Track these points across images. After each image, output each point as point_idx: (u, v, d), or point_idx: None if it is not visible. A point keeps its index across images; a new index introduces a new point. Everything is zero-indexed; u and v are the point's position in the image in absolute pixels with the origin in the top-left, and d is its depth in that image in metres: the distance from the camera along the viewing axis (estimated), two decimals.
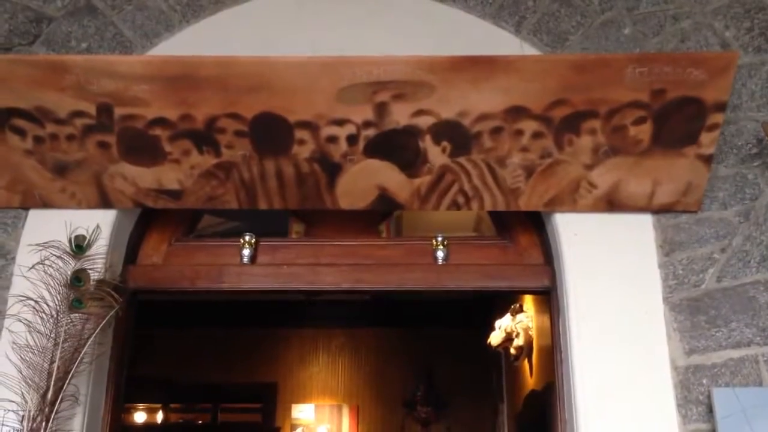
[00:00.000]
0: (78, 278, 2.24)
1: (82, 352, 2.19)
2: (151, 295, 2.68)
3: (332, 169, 2.36)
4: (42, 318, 2.20)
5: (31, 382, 2.14)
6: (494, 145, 2.28)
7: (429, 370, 6.70)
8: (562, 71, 2.15)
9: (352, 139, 2.29)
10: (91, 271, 2.28)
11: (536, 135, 2.26)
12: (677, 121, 2.20)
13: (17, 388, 2.15)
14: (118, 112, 2.25)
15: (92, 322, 2.22)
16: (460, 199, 2.42)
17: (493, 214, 2.72)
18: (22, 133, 2.31)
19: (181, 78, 2.18)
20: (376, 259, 2.65)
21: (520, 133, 2.26)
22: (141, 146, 2.31)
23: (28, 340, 2.18)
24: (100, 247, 2.37)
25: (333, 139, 2.29)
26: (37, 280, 2.24)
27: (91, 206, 2.45)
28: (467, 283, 2.60)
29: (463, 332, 6.16)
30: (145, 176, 2.38)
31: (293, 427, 6.78)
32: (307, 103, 2.21)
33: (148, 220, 2.69)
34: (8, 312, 2.30)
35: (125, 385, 2.60)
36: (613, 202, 2.38)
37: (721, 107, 2.19)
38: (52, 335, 2.18)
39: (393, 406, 6.78)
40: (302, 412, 6.84)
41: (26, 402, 2.13)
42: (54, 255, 2.26)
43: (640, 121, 2.22)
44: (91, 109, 2.25)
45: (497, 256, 2.64)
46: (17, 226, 2.47)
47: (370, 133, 2.27)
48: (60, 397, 2.14)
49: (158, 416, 6.83)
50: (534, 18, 2.63)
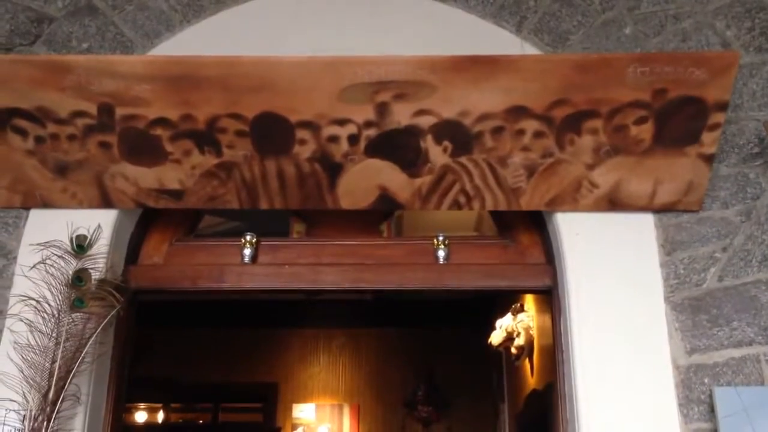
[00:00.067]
0: (79, 278, 2.25)
1: (84, 352, 2.19)
2: (153, 295, 2.68)
3: (333, 169, 2.36)
4: (43, 317, 2.20)
5: (32, 382, 2.14)
6: (495, 145, 2.28)
7: (430, 370, 6.70)
8: (564, 71, 2.15)
9: (354, 139, 2.29)
10: (92, 271, 2.29)
11: (537, 134, 2.26)
12: (678, 121, 2.20)
13: (19, 387, 2.15)
14: (120, 112, 2.25)
15: (93, 322, 2.22)
16: (462, 199, 2.42)
17: (495, 214, 2.72)
18: (23, 133, 2.31)
19: (182, 78, 2.18)
20: (378, 259, 2.64)
21: (521, 132, 2.26)
22: (142, 146, 2.31)
23: (29, 340, 2.18)
24: (102, 246, 2.38)
25: (334, 139, 2.29)
26: (39, 280, 2.25)
27: (92, 206, 2.45)
28: (468, 282, 2.60)
29: (463, 332, 6.16)
30: (146, 176, 2.38)
31: (294, 427, 6.79)
32: (309, 103, 2.21)
33: (149, 220, 2.69)
34: (10, 312, 2.30)
35: (126, 384, 2.60)
36: (614, 202, 2.38)
37: (722, 107, 2.19)
38: (54, 335, 2.18)
39: (394, 406, 6.78)
40: (303, 412, 6.84)
41: (28, 401, 2.13)
42: (55, 255, 2.26)
43: (641, 121, 2.22)
44: (92, 109, 2.25)
45: (498, 256, 2.63)
46: (18, 226, 2.47)
47: (372, 132, 2.27)
48: (61, 396, 2.14)
49: (159, 416, 6.83)
50: (535, 18, 2.63)
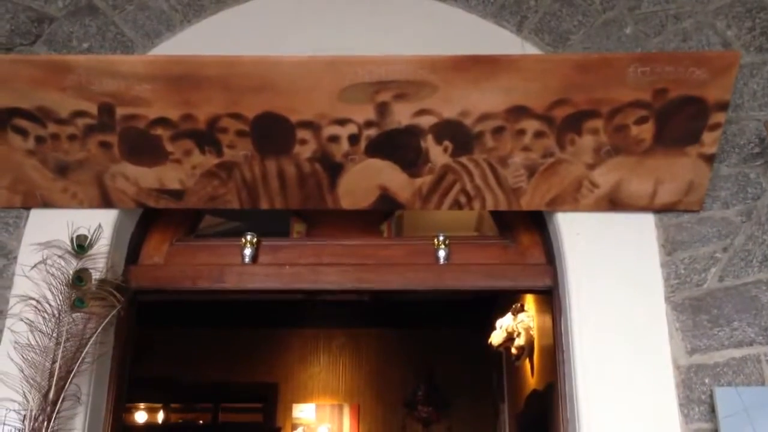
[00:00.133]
0: (80, 278, 2.25)
1: (84, 352, 2.19)
2: (153, 295, 2.68)
3: (334, 169, 2.36)
4: (44, 317, 2.20)
5: (32, 382, 2.14)
6: (496, 145, 2.28)
7: (430, 370, 6.69)
8: (564, 71, 2.15)
9: (354, 139, 2.29)
10: (92, 271, 2.29)
11: (538, 134, 2.26)
12: (679, 121, 2.20)
13: (19, 387, 2.15)
14: (120, 111, 2.24)
15: (94, 322, 2.22)
16: (462, 199, 2.42)
17: (495, 214, 2.72)
18: (23, 133, 2.31)
19: (183, 78, 2.18)
20: (378, 259, 2.64)
21: (521, 132, 2.26)
22: (143, 146, 2.31)
23: (29, 340, 2.18)
24: (102, 246, 2.37)
25: (335, 139, 2.29)
26: (39, 280, 2.25)
27: (92, 206, 2.45)
28: (469, 282, 2.60)
29: (464, 332, 6.16)
30: (147, 176, 2.38)
31: (294, 427, 6.79)
32: (309, 103, 2.21)
33: (149, 220, 2.69)
34: (10, 311, 2.30)
35: (126, 384, 2.59)
36: (615, 202, 2.38)
37: (723, 106, 2.19)
38: (54, 335, 2.17)
39: (394, 406, 6.77)
40: (303, 412, 6.84)
41: (28, 401, 2.13)
42: (56, 255, 2.27)
43: (642, 121, 2.21)
44: (93, 109, 2.24)
45: (499, 256, 2.63)
46: (19, 226, 2.47)
47: (372, 132, 2.27)
48: (62, 396, 2.14)
49: (159, 416, 6.83)
50: (535, 17, 2.63)
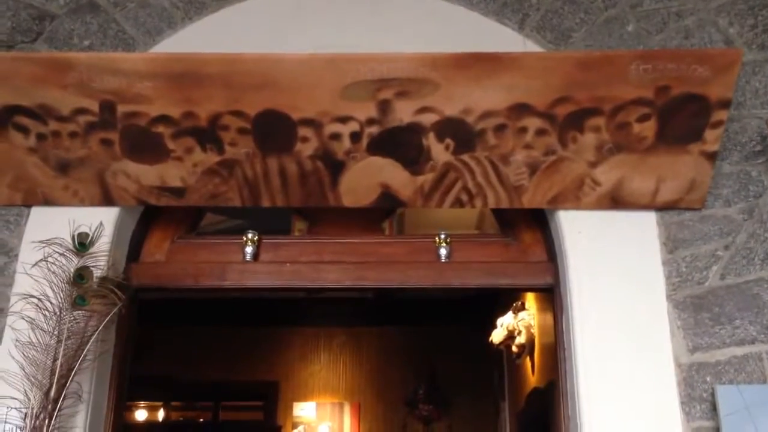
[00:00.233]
0: (81, 275, 2.24)
1: (85, 350, 2.19)
2: (154, 293, 2.68)
3: (335, 167, 2.36)
4: (45, 315, 2.19)
5: (33, 380, 2.14)
6: (498, 143, 2.28)
7: (431, 369, 6.69)
8: (566, 68, 2.14)
9: (356, 137, 2.28)
10: (93, 269, 2.28)
11: (540, 132, 2.25)
12: (681, 118, 2.20)
13: (20, 385, 2.15)
14: (121, 109, 2.24)
15: (95, 320, 2.22)
16: (464, 197, 2.42)
17: (497, 212, 2.72)
18: (24, 130, 2.30)
19: (184, 75, 2.17)
20: (379, 257, 2.64)
21: (523, 130, 2.25)
22: (144, 144, 2.31)
23: (31, 338, 2.18)
24: (103, 244, 2.37)
25: (336, 137, 2.28)
26: (40, 278, 2.24)
27: (93, 204, 2.44)
28: (470, 280, 2.59)
29: (464, 330, 6.16)
30: (148, 174, 2.38)
31: (294, 425, 6.79)
32: (311, 101, 2.21)
33: (150, 218, 2.68)
34: (11, 309, 2.30)
35: (127, 383, 2.59)
36: (616, 200, 2.38)
37: (725, 104, 2.18)
38: (55, 332, 2.17)
39: (395, 405, 6.77)
40: (303, 410, 6.85)
41: (29, 399, 2.13)
42: (57, 252, 2.26)
43: (644, 118, 2.21)
44: (94, 107, 2.24)
45: (500, 254, 2.63)
46: (20, 224, 2.47)
47: (374, 130, 2.27)
48: (63, 394, 2.14)
49: (159, 414, 6.84)
50: (537, 15, 2.62)
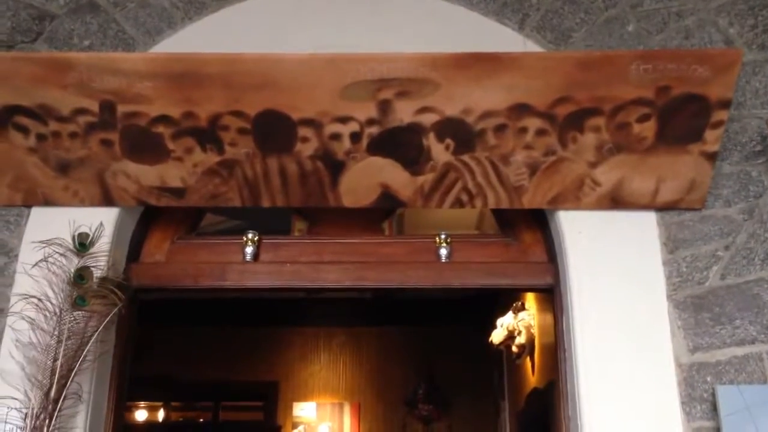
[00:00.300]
0: (81, 276, 2.24)
1: (85, 350, 2.18)
2: (154, 293, 2.67)
3: (335, 167, 2.36)
4: (45, 316, 2.19)
5: (34, 380, 2.14)
6: (498, 143, 2.28)
7: (430, 369, 6.69)
8: (567, 68, 2.14)
9: (356, 137, 2.28)
10: (94, 269, 2.28)
11: (540, 132, 2.25)
12: (681, 119, 2.20)
13: (20, 385, 2.15)
14: (121, 109, 2.24)
15: (95, 320, 2.22)
16: (464, 197, 2.42)
17: (497, 212, 2.71)
18: (24, 130, 2.30)
19: (184, 75, 2.17)
20: (379, 257, 2.64)
21: (523, 130, 2.25)
22: (144, 144, 2.31)
23: (31, 338, 2.18)
24: (103, 244, 2.37)
25: (336, 137, 2.28)
26: (40, 278, 2.24)
27: (94, 204, 2.44)
28: (470, 280, 2.59)
29: (464, 330, 6.16)
30: (148, 174, 2.38)
31: (294, 425, 6.79)
32: (311, 101, 2.21)
33: (150, 218, 2.68)
34: (11, 310, 2.29)
35: (127, 383, 2.59)
36: (617, 200, 2.37)
37: (725, 104, 2.18)
38: (55, 333, 2.17)
39: (395, 405, 6.77)
40: (303, 410, 6.85)
41: (29, 399, 2.13)
42: (57, 253, 2.26)
43: (644, 119, 2.21)
44: (94, 107, 2.24)
45: (500, 254, 2.63)
46: (20, 224, 2.46)
47: (374, 130, 2.27)
48: (63, 394, 2.14)
49: (159, 414, 6.83)
50: (537, 15, 2.62)
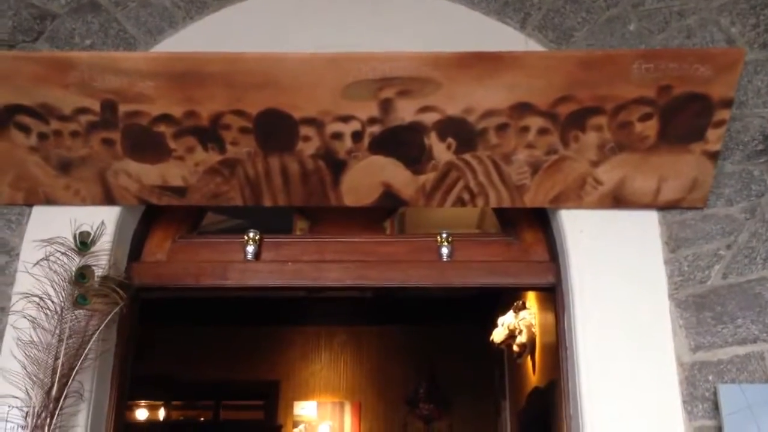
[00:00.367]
0: (82, 275, 2.24)
1: (87, 349, 2.18)
2: (156, 292, 2.67)
3: (337, 166, 2.35)
4: (46, 314, 2.19)
5: (35, 379, 2.14)
6: (500, 142, 2.28)
7: (431, 368, 6.69)
8: (568, 67, 2.14)
9: (357, 136, 2.28)
10: (95, 268, 2.28)
11: (542, 131, 2.25)
12: (683, 118, 2.19)
13: (21, 384, 2.15)
14: (123, 108, 2.24)
15: (96, 319, 2.21)
16: (466, 196, 2.41)
17: (498, 211, 2.71)
18: (26, 129, 2.30)
19: (186, 74, 2.17)
20: (381, 256, 2.64)
21: (525, 129, 2.25)
22: (145, 143, 2.31)
23: (32, 337, 2.18)
24: (104, 243, 2.37)
25: (338, 136, 2.28)
26: (42, 277, 2.24)
27: (95, 203, 2.44)
28: (472, 279, 2.59)
29: (465, 329, 6.16)
30: (150, 173, 2.38)
31: (295, 424, 6.80)
32: (312, 100, 2.21)
33: (152, 217, 2.68)
34: (12, 308, 2.30)
35: (128, 382, 2.59)
36: (618, 199, 2.37)
37: (727, 103, 2.18)
38: (57, 332, 2.17)
39: (395, 404, 6.78)
40: (304, 409, 6.85)
41: (30, 398, 2.13)
42: (58, 251, 2.26)
43: (646, 118, 2.21)
44: (96, 106, 2.24)
45: (502, 253, 2.63)
46: (21, 223, 2.46)
47: (375, 129, 2.27)
48: (64, 393, 2.14)
49: (160, 413, 6.84)
50: (539, 14, 2.62)
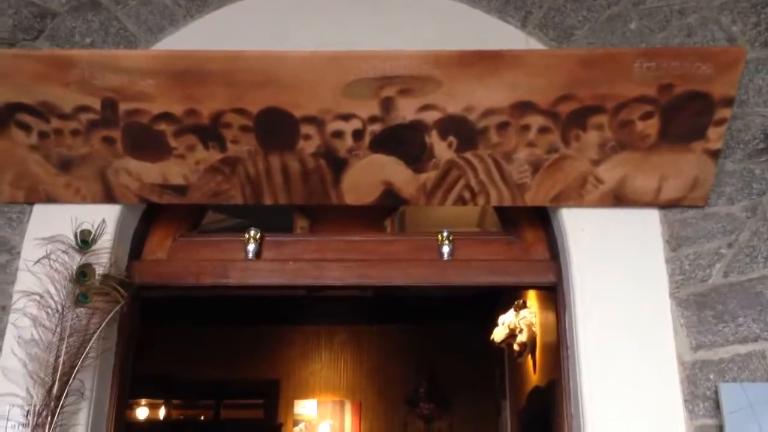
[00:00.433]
0: (83, 273, 2.24)
1: (88, 347, 2.18)
2: (156, 291, 2.67)
3: (338, 165, 2.35)
4: (47, 313, 2.19)
5: (36, 377, 2.14)
6: (501, 140, 2.28)
7: (432, 367, 6.69)
8: (569, 66, 2.14)
9: (358, 134, 2.28)
10: (96, 266, 2.28)
11: (543, 130, 2.25)
12: (685, 116, 2.19)
13: (22, 382, 2.15)
14: (123, 107, 2.24)
15: (97, 317, 2.21)
16: (466, 195, 2.41)
17: (499, 210, 2.71)
18: (26, 128, 2.30)
19: (186, 73, 2.17)
20: (382, 255, 2.64)
21: (526, 128, 2.25)
22: (146, 141, 2.30)
23: (33, 335, 2.18)
24: (105, 242, 2.37)
25: (339, 134, 2.28)
26: (43, 275, 2.24)
27: (95, 201, 2.44)
28: (472, 278, 2.59)
29: (465, 328, 6.16)
30: (150, 171, 2.38)
31: (295, 423, 6.80)
32: (313, 98, 2.20)
33: (152, 216, 2.68)
34: (13, 307, 2.30)
35: (129, 380, 2.59)
36: (619, 197, 2.37)
37: (728, 102, 2.18)
38: (58, 330, 2.17)
39: (396, 403, 6.78)
40: (304, 408, 6.85)
41: (31, 397, 2.13)
42: (59, 250, 2.26)
43: (647, 116, 2.20)
44: (96, 104, 2.24)
45: (503, 252, 2.63)
46: (22, 221, 2.46)
47: (376, 128, 2.26)
48: (65, 391, 2.13)
49: (161, 412, 6.84)
50: (540, 13, 2.61)
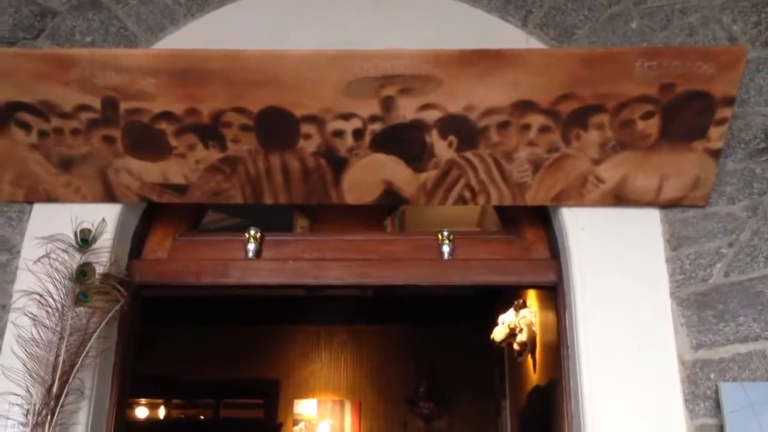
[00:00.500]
0: (83, 272, 2.24)
1: (88, 346, 2.18)
2: (156, 290, 2.67)
3: (338, 164, 2.35)
4: (47, 312, 2.19)
5: (36, 376, 2.14)
6: (501, 140, 2.27)
7: (432, 367, 6.69)
8: (570, 65, 2.14)
9: (359, 134, 2.28)
10: (96, 265, 2.28)
11: (543, 129, 2.25)
12: (686, 116, 2.19)
13: (22, 381, 2.15)
14: (124, 106, 2.24)
15: (97, 316, 2.21)
16: (467, 194, 2.41)
17: (499, 209, 2.71)
18: (27, 127, 2.30)
19: (186, 72, 2.17)
20: (382, 254, 2.64)
21: (527, 127, 2.25)
22: (146, 140, 2.30)
23: (33, 334, 2.17)
24: (105, 241, 2.37)
25: (339, 134, 2.28)
26: (43, 274, 2.24)
27: (96, 200, 2.44)
28: (473, 278, 2.59)
29: (465, 328, 6.17)
30: (151, 171, 2.38)
31: (295, 423, 6.80)
32: (314, 97, 2.20)
33: (152, 215, 2.68)
34: (13, 306, 2.30)
35: (129, 380, 2.59)
36: (620, 197, 2.37)
37: (729, 101, 2.18)
38: (58, 329, 2.17)
39: (395, 403, 6.78)
40: (304, 408, 6.85)
41: (31, 395, 2.13)
42: (59, 249, 2.26)
43: (648, 116, 2.20)
44: (96, 103, 2.24)
45: (503, 251, 2.63)
46: (22, 220, 2.46)
47: (377, 127, 2.26)
48: (65, 390, 2.13)
49: (160, 411, 6.84)
50: (541, 12, 2.61)
